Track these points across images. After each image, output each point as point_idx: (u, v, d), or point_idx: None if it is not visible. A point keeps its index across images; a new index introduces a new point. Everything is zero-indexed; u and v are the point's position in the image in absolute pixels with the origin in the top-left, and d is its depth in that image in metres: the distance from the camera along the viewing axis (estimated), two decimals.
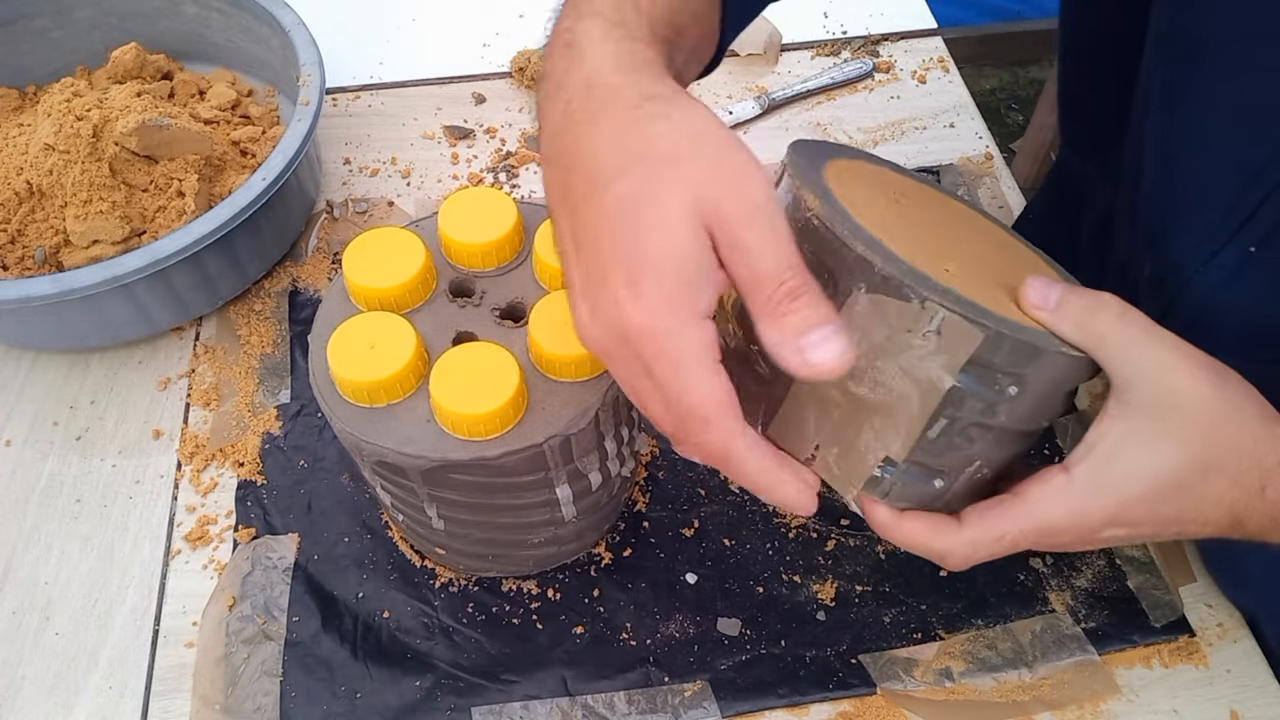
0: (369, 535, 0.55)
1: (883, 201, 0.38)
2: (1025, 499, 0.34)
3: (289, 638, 0.52)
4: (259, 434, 0.59)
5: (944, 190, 0.45)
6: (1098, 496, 0.34)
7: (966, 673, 0.51)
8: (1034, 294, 0.35)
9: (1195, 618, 0.53)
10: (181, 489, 0.57)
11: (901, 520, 0.35)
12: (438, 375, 0.41)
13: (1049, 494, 0.34)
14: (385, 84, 0.81)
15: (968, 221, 0.43)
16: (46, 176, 0.60)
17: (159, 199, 0.63)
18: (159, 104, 0.65)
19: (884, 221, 0.35)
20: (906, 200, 0.41)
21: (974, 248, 0.40)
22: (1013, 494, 0.35)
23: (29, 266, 0.61)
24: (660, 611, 0.53)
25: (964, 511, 0.35)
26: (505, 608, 0.53)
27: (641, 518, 0.56)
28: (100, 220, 0.60)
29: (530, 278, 0.47)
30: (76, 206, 0.60)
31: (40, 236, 0.61)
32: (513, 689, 0.50)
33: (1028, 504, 0.34)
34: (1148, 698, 0.50)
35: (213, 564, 0.55)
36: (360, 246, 0.45)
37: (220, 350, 0.63)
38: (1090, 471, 0.34)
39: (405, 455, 0.41)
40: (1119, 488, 0.34)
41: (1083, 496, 0.34)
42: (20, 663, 0.51)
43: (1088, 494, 0.34)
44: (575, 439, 0.43)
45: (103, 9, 0.73)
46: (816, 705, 0.50)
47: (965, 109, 0.79)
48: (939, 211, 0.42)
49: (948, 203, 0.44)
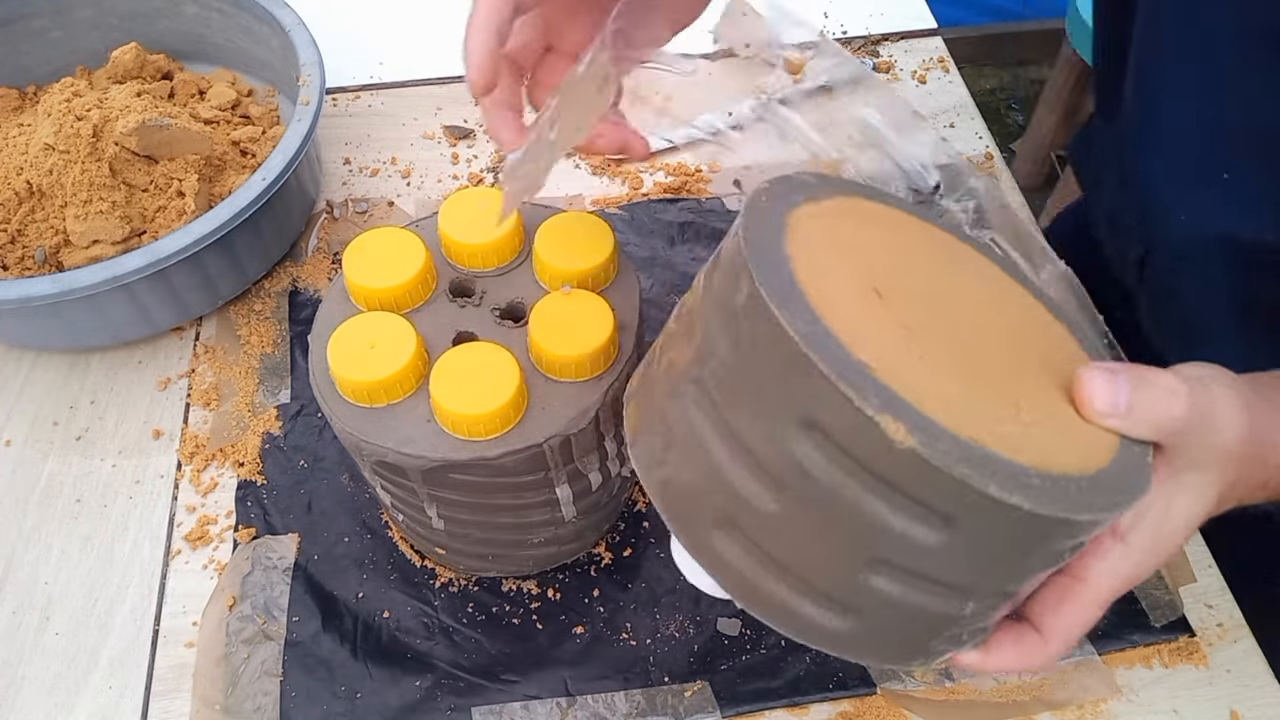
0: (369, 535, 0.55)
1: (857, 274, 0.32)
2: (1090, 582, 0.34)
3: (289, 638, 0.52)
4: (259, 434, 0.59)
5: (930, 220, 0.40)
6: (1153, 555, 0.34)
7: (966, 672, 0.51)
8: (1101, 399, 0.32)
9: (1195, 618, 0.53)
10: (181, 489, 0.58)
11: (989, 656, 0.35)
12: (438, 375, 0.41)
13: (1111, 568, 0.34)
14: (385, 84, 0.81)
15: (965, 270, 0.38)
16: (46, 176, 0.60)
17: (159, 199, 0.63)
18: (159, 104, 0.65)
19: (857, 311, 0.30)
20: (886, 265, 0.34)
21: (973, 319, 0.35)
22: (1073, 578, 0.34)
23: (29, 266, 0.61)
24: (660, 611, 0.53)
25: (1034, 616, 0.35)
26: (505, 608, 0.53)
27: (641, 518, 0.56)
28: (100, 220, 0.60)
29: (530, 278, 0.47)
30: (76, 206, 0.60)
31: (40, 236, 0.61)
32: (513, 689, 0.50)
33: (1093, 586, 0.34)
34: (1148, 698, 0.50)
35: (213, 564, 0.55)
36: (360, 246, 0.45)
37: (220, 350, 0.63)
38: (1146, 536, 0.34)
39: (405, 455, 0.41)
40: (1170, 540, 0.34)
41: (1140, 559, 0.34)
42: (20, 663, 0.51)
43: (1144, 556, 0.34)
44: (575, 439, 0.43)
45: (103, 9, 0.73)
46: (816, 705, 0.50)
47: (965, 109, 0.79)
48: (928, 264, 0.37)
49: (935, 241, 0.38)
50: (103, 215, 0.60)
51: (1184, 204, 0.51)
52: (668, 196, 0.72)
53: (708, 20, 0.86)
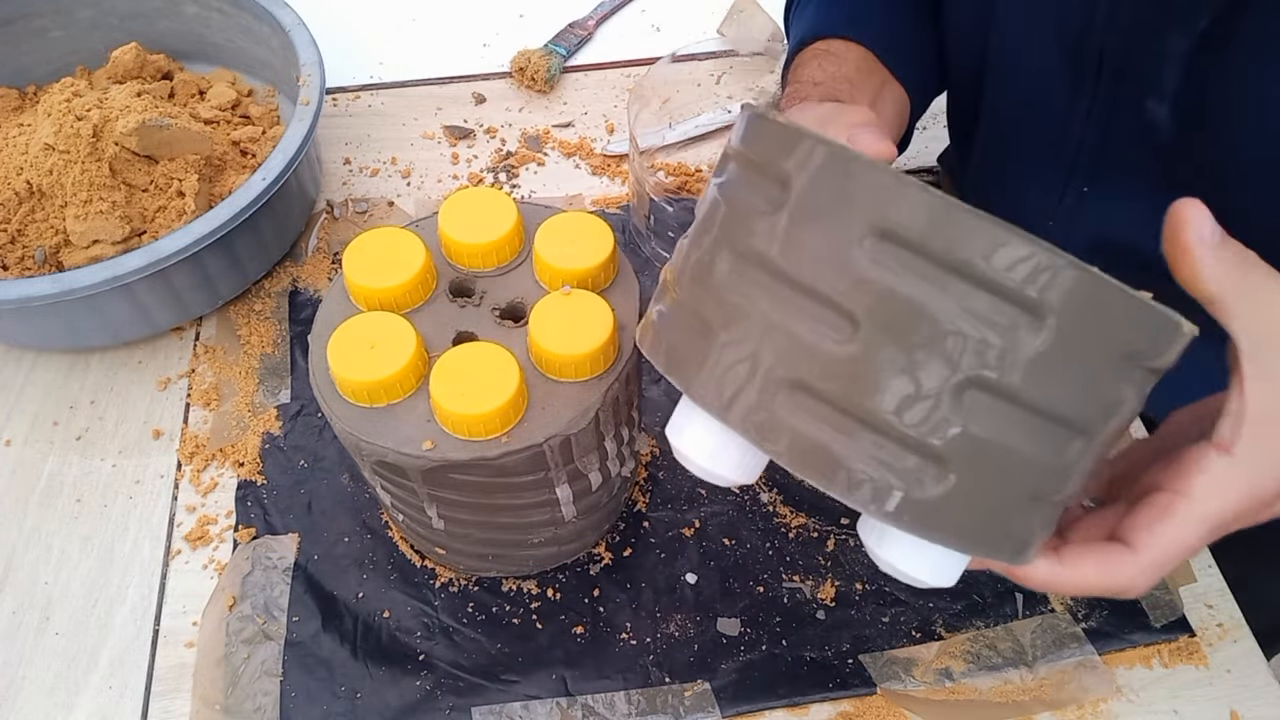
0: (369, 535, 0.55)
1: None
2: (1193, 496, 0.31)
3: (289, 638, 0.52)
4: (259, 434, 0.59)
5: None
6: (1269, 469, 0.31)
7: (966, 673, 0.51)
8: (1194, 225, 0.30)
9: (1195, 618, 0.53)
10: (181, 489, 0.58)
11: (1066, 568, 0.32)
12: (438, 375, 0.41)
13: (1215, 483, 0.31)
14: (385, 84, 0.81)
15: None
16: (46, 176, 0.60)
17: (159, 199, 0.63)
18: (159, 104, 0.65)
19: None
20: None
21: None
22: (1174, 492, 0.31)
23: (29, 266, 0.61)
24: (660, 611, 0.53)
25: (1127, 531, 0.32)
26: (505, 608, 0.53)
27: (641, 518, 0.56)
28: (100, 220, 0.60)
29: (530, 278, 0.47)
30: (77, 206, 0.60)
31: (40, 236, 0.61)
32: (513, 689, 0.50)
33: (1198, 501, 0.31)
34: (1148, 698, 0.50)
35: (213, 564, 0.55)
36: (360, 246, 0.45)
37: (220, 350, 0.63)
38: (1252, 443, 0.30)
39: (405, 455, 0.41)
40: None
41: (1254, 474, 0.31)
42: (20, 663, 0.51)
43: (1258, 470, 0.31)
44: (575, 439, 0.43)
45: (103, 9, 0.73)
46: (816, 705, 0.50)
47: None
48: None
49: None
50: (103, 215, 0.60)
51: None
52: (668, 197, 0.72)
53: (710, 20, 0.86)
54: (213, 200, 0.64)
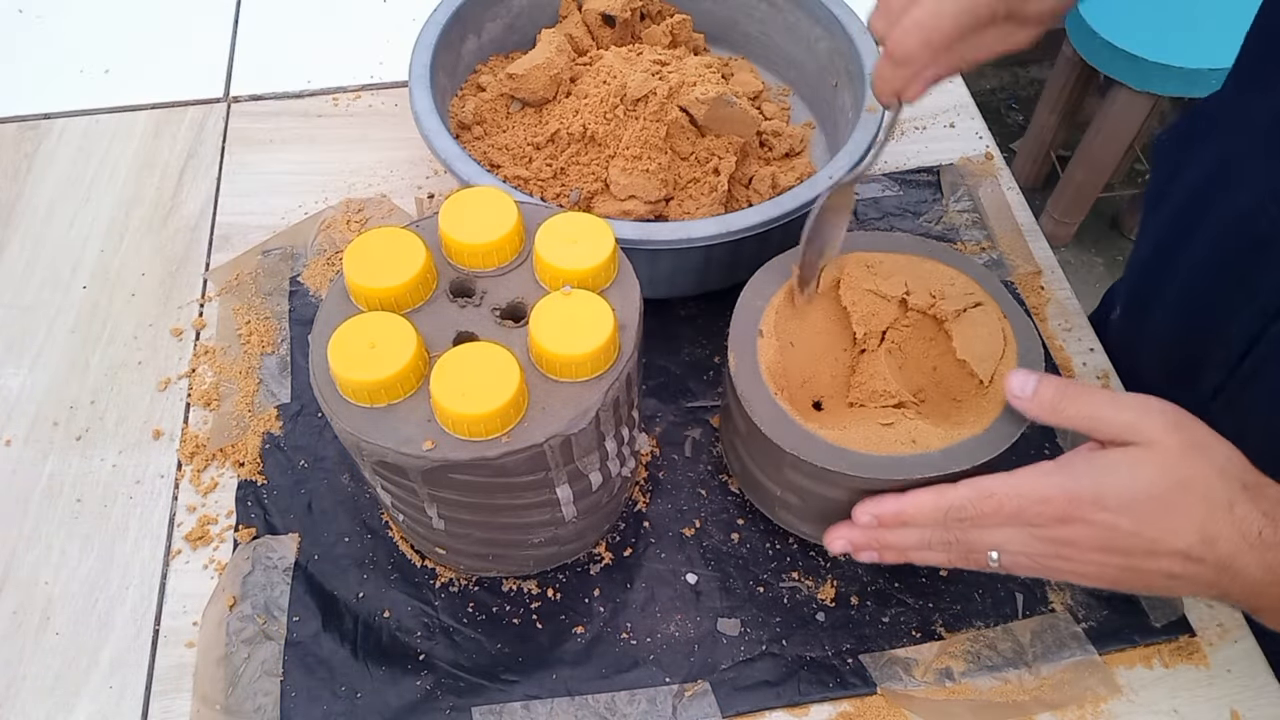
0: (369, 535, 0.55)
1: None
2: (1015, 472, 0.42)
3: (289, 638, 0.52)
4: (259, 434, 0.59)
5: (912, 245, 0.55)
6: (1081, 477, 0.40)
7: (967, 673, 0.51)
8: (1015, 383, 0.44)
9: (1195, 618, 0.53)
10: (182, 489, 0.58)
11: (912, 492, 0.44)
12: (438, 375, 0.41)
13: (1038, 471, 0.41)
14: (385, 84, 0.81)
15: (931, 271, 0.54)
16: (604, 124, 0.61)
17: (694, 171, 0.63)
18: (720, 81, 0.65)
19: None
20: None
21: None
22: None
23: (562, 204, 0.62)
24: (660, 611, 0.53)
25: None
26: (505, 608, 0.53)
27: (641, 518, 0.56)
28: (643, 178, 0.61)
29: (530, 278, 0.47)
30: (625, 160, 0.61)
31: (579, 179, 0.62)
32: (513, 689, 0.50)
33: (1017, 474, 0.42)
34: (1148, 698, 0.50)
35: (213, 564, 0.55)
36: (360, 246, 0.45)
37: (220, 350, 0.63)
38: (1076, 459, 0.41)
39: (405, 455, 0.41)
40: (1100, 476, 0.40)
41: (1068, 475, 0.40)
42: (20, 663, 0.51)
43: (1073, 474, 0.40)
44: (575, 439, 0.43)
45: None
46: (816, 705, 0.50)
47: (965, 109, 0.79)
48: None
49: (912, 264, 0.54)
50: (647, 175, 0.61)
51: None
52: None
53: None
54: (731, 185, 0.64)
